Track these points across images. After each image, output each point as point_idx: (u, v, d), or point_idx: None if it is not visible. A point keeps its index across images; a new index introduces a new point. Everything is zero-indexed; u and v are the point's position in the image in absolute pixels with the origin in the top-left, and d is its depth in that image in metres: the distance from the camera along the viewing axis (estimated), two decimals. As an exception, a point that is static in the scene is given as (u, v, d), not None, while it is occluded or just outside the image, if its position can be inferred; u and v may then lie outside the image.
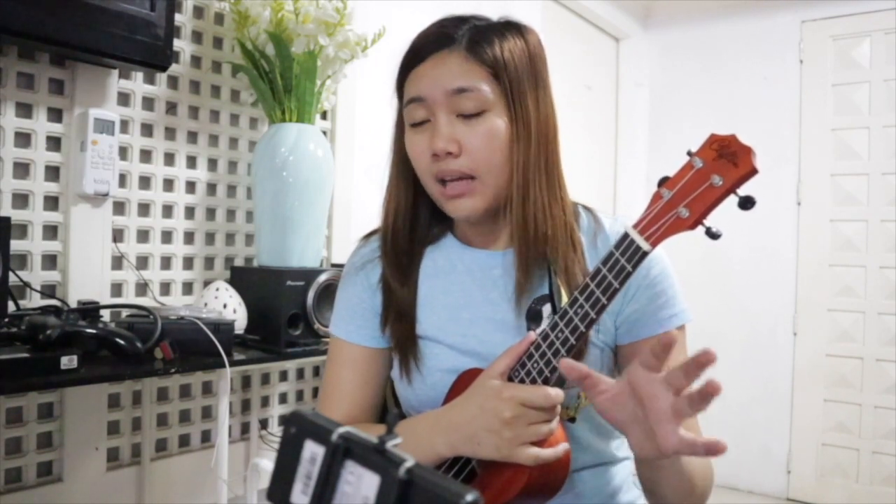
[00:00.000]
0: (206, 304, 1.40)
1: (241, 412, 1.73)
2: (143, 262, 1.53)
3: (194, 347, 1.23)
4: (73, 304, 1.32)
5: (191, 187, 1.61)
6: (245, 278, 1.55)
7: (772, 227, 3.19)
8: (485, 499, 0.33)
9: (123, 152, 1.47)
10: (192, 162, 1.61)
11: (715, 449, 0.62)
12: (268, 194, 1.54)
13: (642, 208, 0.69)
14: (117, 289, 1.48)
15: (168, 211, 1.57)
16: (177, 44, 1.53)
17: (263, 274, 1.51)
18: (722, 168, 0.65)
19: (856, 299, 3.04)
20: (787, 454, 3.15)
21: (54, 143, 1.37)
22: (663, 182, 0.69)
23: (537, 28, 0.91)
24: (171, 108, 1.56)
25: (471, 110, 0.83)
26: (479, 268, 0.92)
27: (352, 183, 1.96)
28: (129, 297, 1.50)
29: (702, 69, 3.42)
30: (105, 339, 1.13)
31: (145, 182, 1.53)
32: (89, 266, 1.40)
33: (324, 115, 1.91)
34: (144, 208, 1.53)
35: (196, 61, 1.61)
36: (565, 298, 0.83)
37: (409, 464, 0.36)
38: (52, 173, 1.37)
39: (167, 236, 1.58)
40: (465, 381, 0.84)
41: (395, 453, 0.36)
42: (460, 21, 0.87)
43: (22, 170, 1.33)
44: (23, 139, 1.33)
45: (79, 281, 1.38)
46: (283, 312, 1.42)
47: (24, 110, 1.32)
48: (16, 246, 1.28)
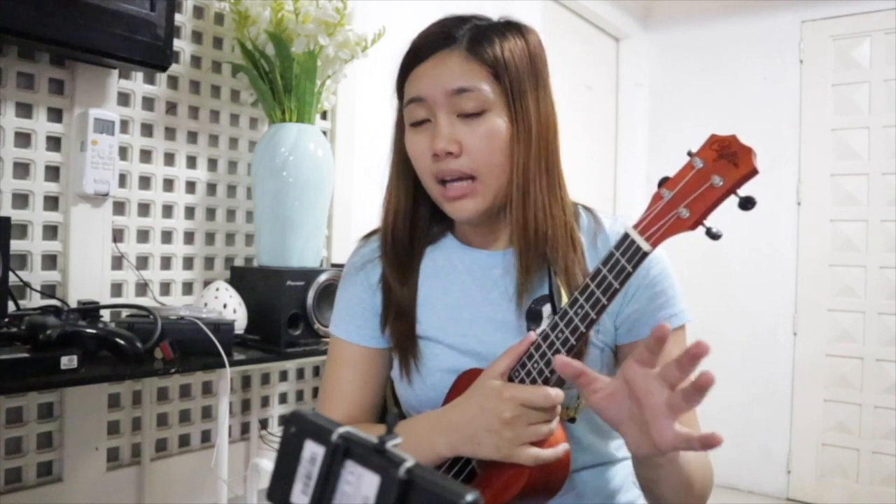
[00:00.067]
0: (206, 304, 1.40)
1: (241, 412, 1.74)
2: (143, 262, 1.53)
3: (194, 347, 1.23)
4: (73, 304, 1.32)
5: (191, 187, 1.61)
6: (245, 278, 1.55)
7: (772, 227, 3.19)
8: (485, 499, 0.33)
9: (123, 152, 1.47)
10: (192, 162, 1.61)
11: (711, 442, 0.62)
12: (268, 194, 1.54)
13: (642, 208, 0.69)
14: (117, 289, 1.48)
15: (168, 211, 1.57)
16: (177, 44, 1.53)
17: (263, 274, 1.51)
18: (722, 168, 0.65)
19: (856, 299, 3.04)
20: (787, 454, 3.15)
21: (54, 143, 1.37)
22: (663, 182, 0.69)
23: (537, 28, 0.91)
24: (171, 108, 1.56)
25: (471, 110, 0.83)
26: (479, 268, 0.92)
27: (352, 183, 1.96)
28: (129, 297, 1.50)
29: (702, 69, 3.42)
30: (105, 339, 1.13)
31: (145, 182, 1.53)
32: (89, 266, 1.40)
33: (324, 115, 1.91)
34: (144, 208, 1.53)
35: (196, 61, 1.61)
36: (565, 298, 0.83)
37: (409, 464, 0.36)
38: (52, 173, 1.37)
39: (167, 236, 1.58)
40: (465, 381, 0.84)
41: (395, 453, 0.36)
42: (461, 21, 0.87)
43: (22, 170, 1.33)
44: (23, 139, 1.33)
45: (79, 281, 1.38)
46: (283, 312, 1.42)
47: (24, 110, 1.32)
48: (16, 246, 1.28)
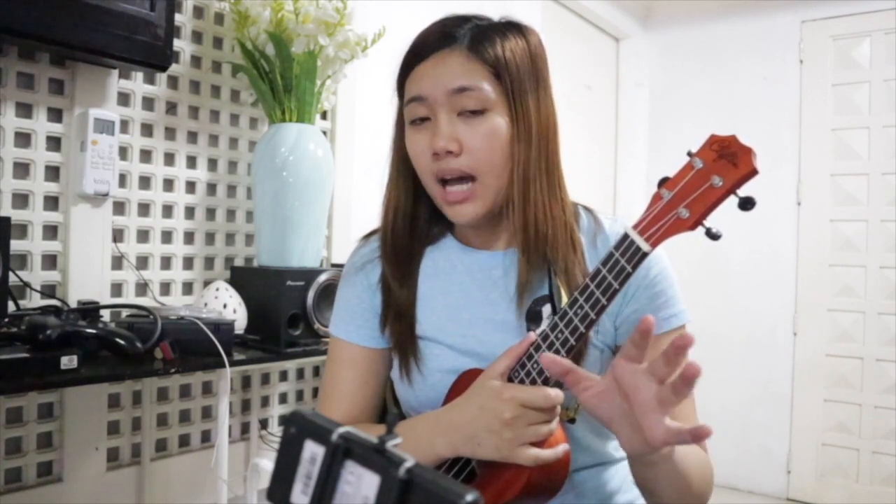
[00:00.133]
0: (206, 304, 1.40)
1: (241, 412, 1.74)
2: (143, 262, 1.53)
3: (194, 347, 1.23)
4: (73, 304, 1.32)
5: (191, 187, 1.61)
6: (245, 278, 1.55)
7: (772, 228, 3.19)
8: (484, 499, 0.33)
9: (123, 152, 1.47)
10: (192, 162, 1.61)
11: (700, 434, 0.62)
12: (268, 194, 1.54)
13: (642, 208, 0.69)
14: (117, 289, 1.48)
15: (168, 211, 1.57)
16: (177, 44, 1.53)
17: (263, 274, 1.51)
18: (722, 169, 0.65)
19: (856, 299, 3.04)
20: (787, 454, 3.15)
21: (54, 143, 1.37)
22: (663, 183, 0.69)
23: (537, 28, 0.91)
24: (171, 108, 1.56)
25: (472, 107, 0.83)
26: (479, 268, 0.91)
27: (352, 183, 1.97)
28: (129, 297, 1.50)
29: (702, 69, 3.42)
30: (105, 339, 1.13)
31: (145, 182, 1.53)
32: (89, 266, 1.40)
33: (324, 115, 1.91)
34: (144, 208, 1.53)
35: (196, 61, 1.61)
36: (565, 299, 0.83)
37: (410, 464, 0.36)
38: (52, 173, 1.37)
39: (167, 236, 1.58)
40: (464, 381, 0.83)
41: (395, 453, 0.36)
42: (462, 20, 0.87)
43: (22, 170, 1.33)
44: (23, 139, 1.33)
45: (79, 281, 1.38)
46: (283, 312, 1.42)
47: (24, 110, 1.32)
48: (16, 246, 1.28)
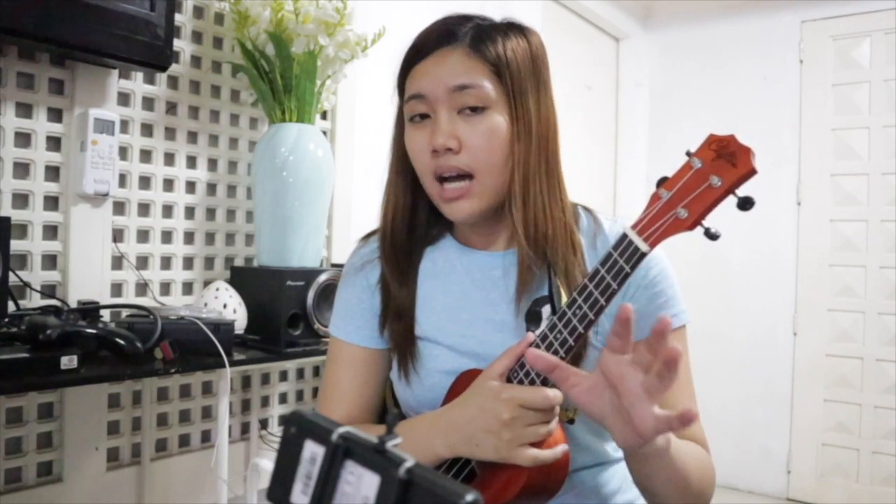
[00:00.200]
0: (206, 304, 1.40)
1: (241, 412, 1.74)
2: (143, 262, 1.53)
3: (194, 347, 1.23)
4: (73, 304, 1.32)
5: (191, 187, 1.61)
6: (245, 278, 1.55)
7: (772, 228, 3.19)
8: (484, 499, 0.33)
9: (123, 152, 1.47)
10: (192, 162, 1.61)
11: (687, 417, 0.63)
12: (268, 194, 1.54)
13: (642, 209, 0.69)
14: (117, 289, 1.48)
15: (168, 211, 1.57)
16: (177, 44, 1.53)
17: (263, 274, 1.51)
18: (721, 168, 0.65)
19: (856, 299, 3.04)
20: (787, 454, 3.15)
21: (54, 143, 1.37)
22: (662, 182, 0.69)
23: (537, 28, 0.91)
24: (171, 108, 1.56)
25: (472, 106, 0.83)
26: (478, 269, 0.91)
27: (352, 183, 1.97)
28: (129, 297, 1.50)
29: (702, 69, 3.42)
30: (105, 339, 1.13)
31: (145, 182, 1.53)
32: (89, 266, 1.40)
33: (324, 115, 1.91)
34: (144, 208, 1.53)
35: (196, 61, 1.61)
36: (565, 299, 0.83)
37: (409, 464, 0.36)
38: (52, 173, 1.37)
39: (167, 236, 1.58)
40: (463, 382, 0.83)
41: (395, 453, 0.36)
42: (464, 19, 0.87)
43: (22, 170, 1.33)
44: (23, 139, 1.33)
45: (79, 281, 1.38)
46: (283, 312, 1.42)
47: (24, 110, 1.32)
48: (16, 246, 1.28)
